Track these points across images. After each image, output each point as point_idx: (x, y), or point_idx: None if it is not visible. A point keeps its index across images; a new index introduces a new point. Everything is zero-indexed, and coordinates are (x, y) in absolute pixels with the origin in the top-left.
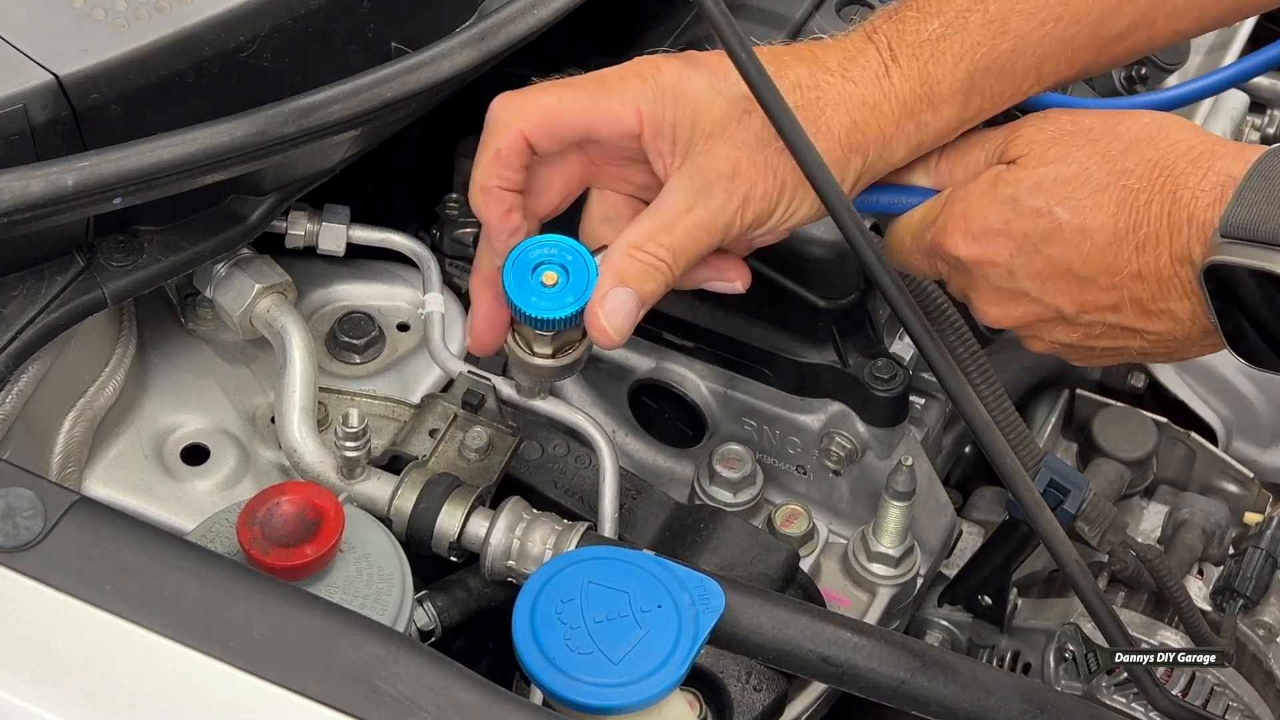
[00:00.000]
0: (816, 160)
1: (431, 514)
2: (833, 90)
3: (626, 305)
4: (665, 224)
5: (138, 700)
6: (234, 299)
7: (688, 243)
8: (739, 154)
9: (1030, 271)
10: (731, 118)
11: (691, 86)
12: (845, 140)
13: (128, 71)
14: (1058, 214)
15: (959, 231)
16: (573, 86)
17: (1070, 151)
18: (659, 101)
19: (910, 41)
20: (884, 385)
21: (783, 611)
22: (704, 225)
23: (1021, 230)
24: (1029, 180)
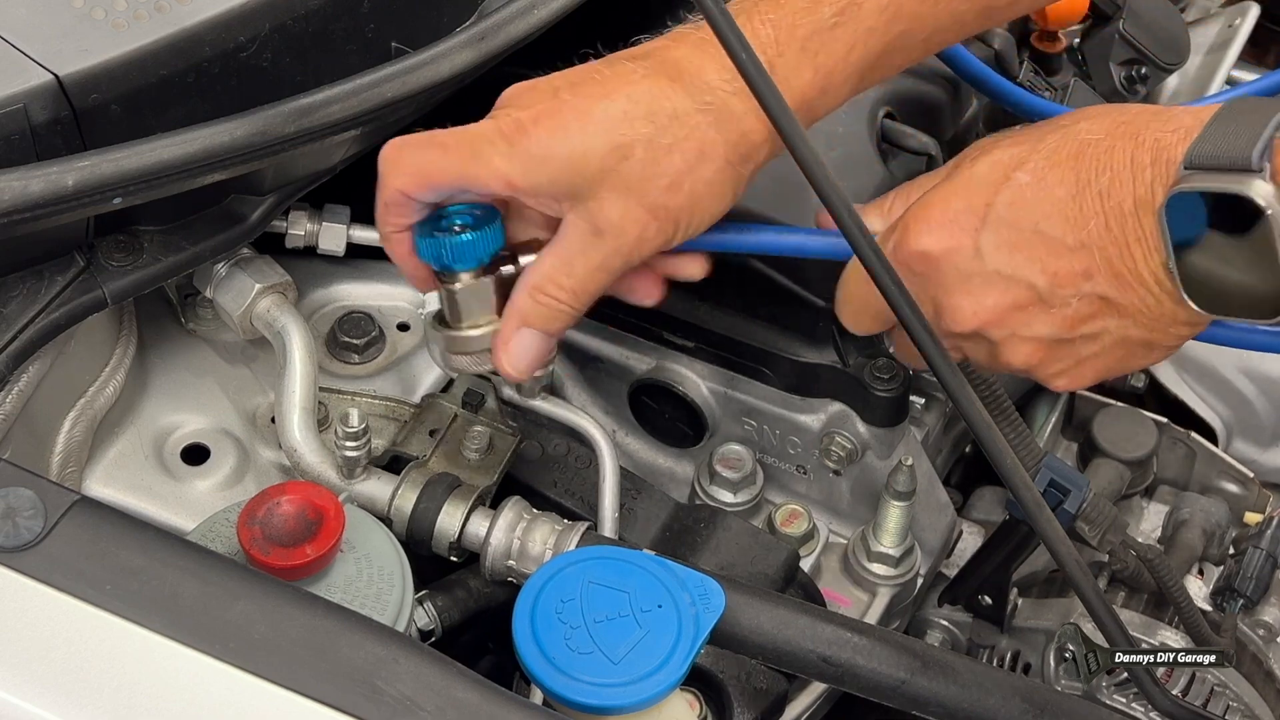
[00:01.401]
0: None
1: (432, 514)
2: (714, 111)
3: (532, 345)
4: (564, 265)
5: (138, 700)
6: (234, 299)
7: (588, 283)
8: (624, 200)
9: (997, 243)
10: (608, 167)
11: (563, 146)
12: (733, 155)
13: (128, 71)
14: (1017, 178)
15: (920, 223)
16: (444, 148)
17: (1021, 137)
18: (528, 169)
19: (800, 35)
20: (884, 385)
21: (783, 611)
22: (601, 267)
23: (983, 202)
24: (984, 161)
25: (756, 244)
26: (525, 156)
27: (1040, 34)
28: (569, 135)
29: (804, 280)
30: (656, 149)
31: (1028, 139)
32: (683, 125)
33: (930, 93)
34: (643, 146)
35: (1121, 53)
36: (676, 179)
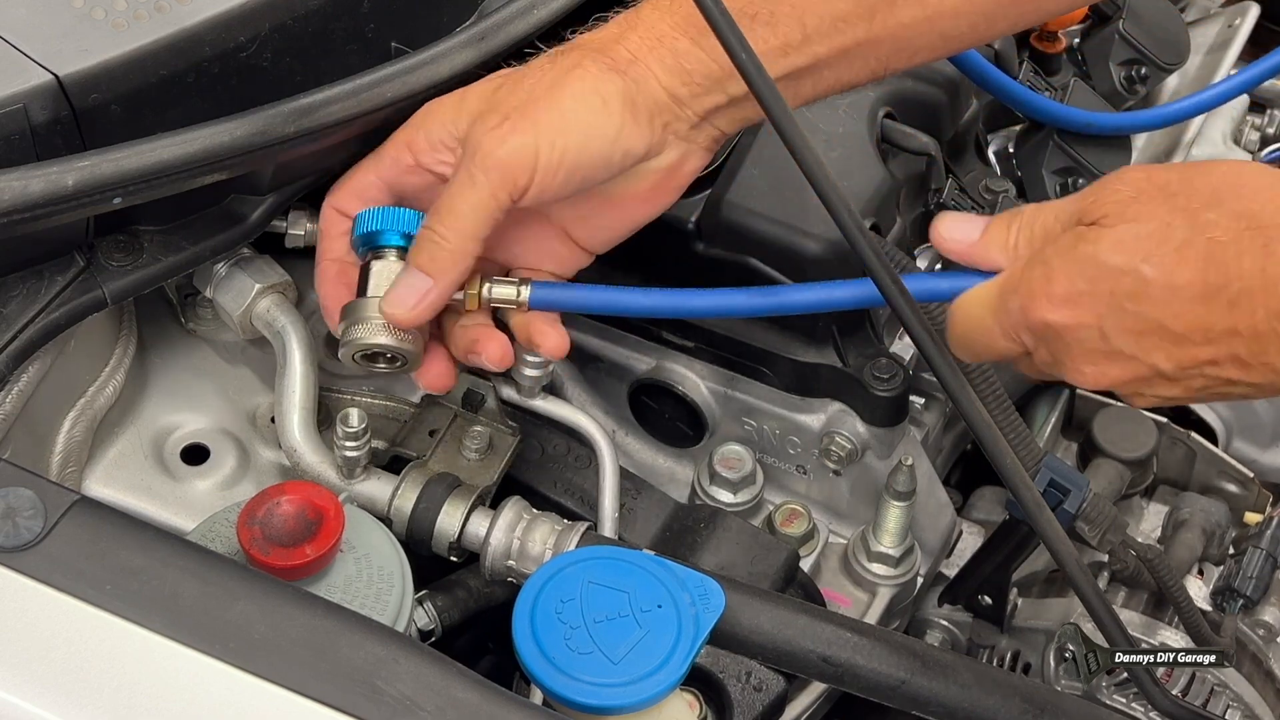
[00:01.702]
0: (816, 160)
1: (431, 514)
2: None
3: (416, 286)
4: (443, 201)
5: (138, 700)
6: (234, 299)
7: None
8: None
9: (1123, 329)
10: (478, 109)
11: (444, 103)
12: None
13: (128, 71)
14: (1143, 270)
15: (1044, 296)
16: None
17: (1150, 208)
18: (415, 125)
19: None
20: (884, 385)
21: (783, 611)
22: (464, 180)
23: (1107, 289)
24: (1109, 238)
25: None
26: (413, 122)
27: (1040, 34)
28: (452, 95)
29: (804, 280)
30: (521, 76)
31: (1157, 214)
32: (545, 57)
33: (930, 93)
34: (511, 80)
35: (1121, 53)
36: (532, 90)
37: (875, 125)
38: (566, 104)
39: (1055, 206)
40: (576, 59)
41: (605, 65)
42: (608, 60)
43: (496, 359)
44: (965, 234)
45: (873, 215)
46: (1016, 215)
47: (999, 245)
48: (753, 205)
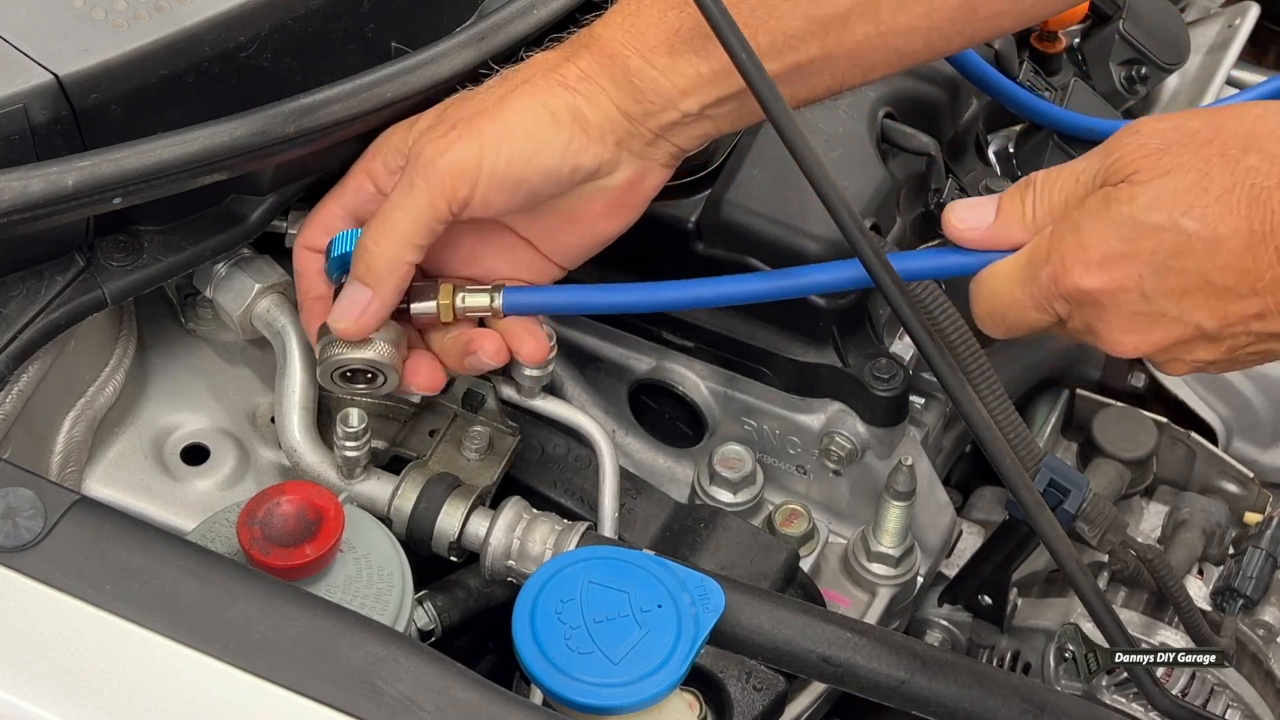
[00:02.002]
0: (816, 160)
1: (431, 514)
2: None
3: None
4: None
5: (138, 700)
6: (234, 299)
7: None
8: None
9: (1165, 290)
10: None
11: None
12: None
13: (128, 71)
14: (1184, 225)
15: (1078, 263)
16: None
17: (1183, 158)
18: (372, 154)
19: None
20: (884, 385)
21: (783, 611)
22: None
23: (1148, 249)
24: (1145, 195)
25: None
26: (373, 151)
27: (1040, 34)
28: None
29: None
30: (469, 95)
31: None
32: (496, 76)
33: (930, 93)
34: (459, 98)
35: (1121, 53)
36: (483, 103)
37: (875, 125)
38: (513, 117)
39: (1072, 169)
40: (526, 75)
41: (555, 81)
42: (557, 78)
43: (493, 353)
44: (980, 218)
45: (873, 215)
46: (1029, 186)
47: (1017, 220)
48: (753, 205)
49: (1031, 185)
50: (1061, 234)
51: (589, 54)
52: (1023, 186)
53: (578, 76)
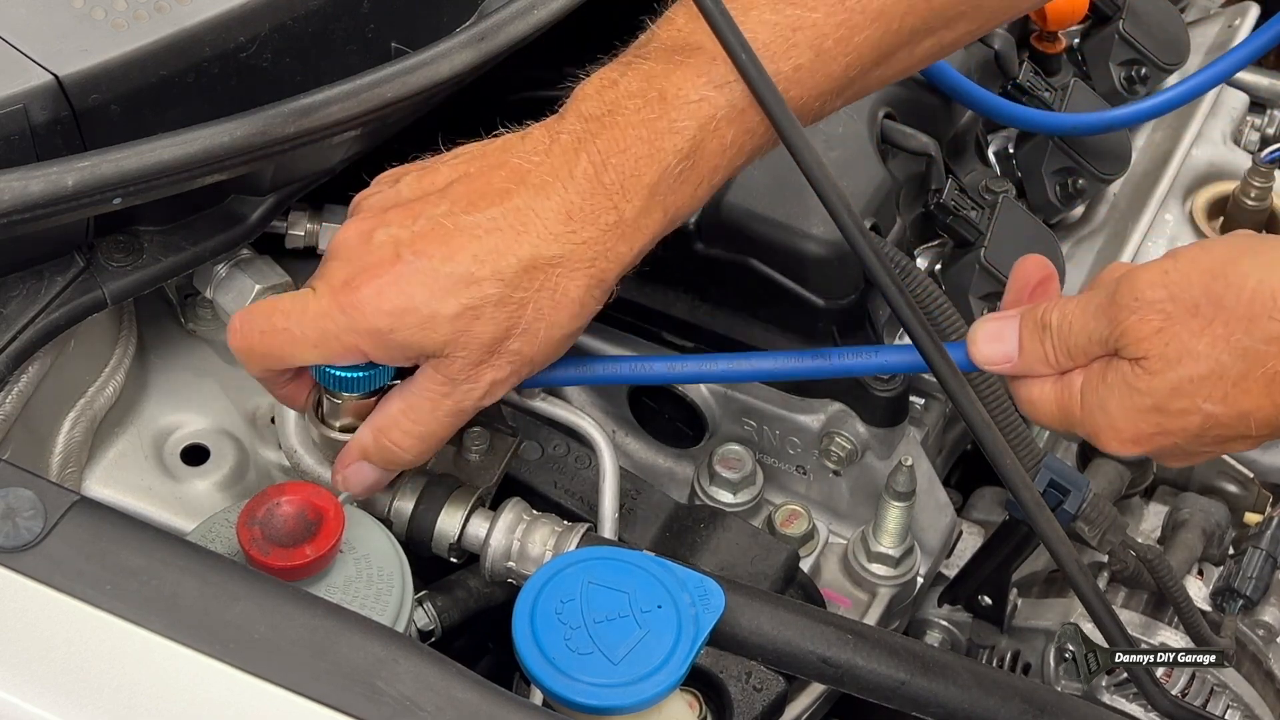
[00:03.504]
0: (816, 161)
1: (431, 515)
2: (566, 263)
3: (370, 475)
4: (411, 412)
5: (138, 700)
6: (234, 299)
7: (436, 429)
8: (477, 354)
9: (1205, 444)
10: (459, 329)
11: (408, 317)
12: (587, 296)
13: (128, 71)
14: (1208, 409)
15: (1114, 439)
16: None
17: (1190, 343)
18: (377, 341)
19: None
20: (884, 385)
21: (783, 612)
22: (451, 412)
23: (1178, 428)
24: (1165, 387)
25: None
26: (372, 332)
27: (1040, 34)
28: (414, 305)
29: (804, 280)
30: (508, 305)
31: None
32: (533, 278)
33: (930, 94)
34: (492, 307)
35: (1121, 53)
36: (530, 329)
37: (875, 126)
38: (560, 342)
39: (1082, 322)
40: (572, 291)
41: (600, 292)
42: (600, 282)
43: None
44: (1004, 353)
45: (873, 215)
46: (1044, 329)
47: (1039, 360)
48: (753, 205)
49: (1047, 329)
50: (1091, 410)
51: (629, 247)
52: (1039, 327)
53: (620, 270)
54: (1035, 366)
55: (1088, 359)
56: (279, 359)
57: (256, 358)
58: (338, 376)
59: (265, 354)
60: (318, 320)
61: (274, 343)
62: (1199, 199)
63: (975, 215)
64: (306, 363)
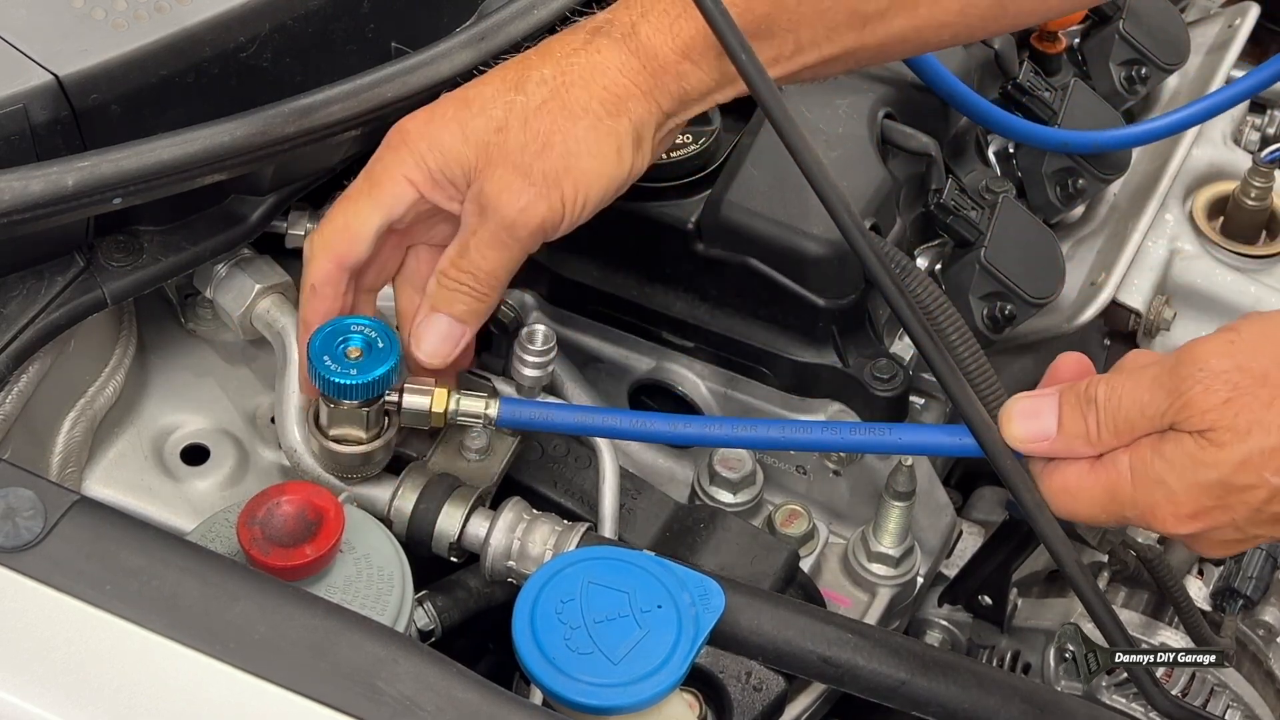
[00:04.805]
0: (816, 161)
1: (432, 515)
2: (577, 69)
3: (439, 328)
4: (460, 248)
5: (138, 700)
6: (234, 299)
7: (481, 261)
8: (501, 171)
9: (1260, 523)
10: (487, 142)
11: (445, 134)
12: (601, 110)
13: (128, 71)
14: (1274, 481)
15: (1171, 515)
16: (350, 197)
17: (1260, 414)
18: (419, 162)
19: (662, 4)
20: (884, 385)
21: (783, 611)
22: (491, 242)
23: (1240, 502)
24: (1231, 460)
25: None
26: (413, 154)
27: (1040, 34)
28: (447, 122)
29: (804, 280)
30: (526, 114)
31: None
32: (547, 85)
33: (930, 94)
34: (515, 116)
35: (1121, 53)
36: (547, 139)
37: (875, 125)
38: (586, 163)
39: (1134, 396)
40: (583, 99)
41: (618, 109)
42: (618, 103)
43: None
44: (1041, 431)
45: (873, 215)
46: (1090, 403)
47: (1080, 437)
48: (753, 205)
49: (1093, 404)
50: (1147, 485)
51: (642, 65)
52: (1083, 401)
53: (637, 97)
54: (1074, 444)
55: (1134, 436)
56: (344, 227)
57: (324, 239)
58: (336, 384)
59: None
60: (370, 170)
61: (336, 214)
62: (1199, 199)
63: (975, 215)
64: (366, 219)
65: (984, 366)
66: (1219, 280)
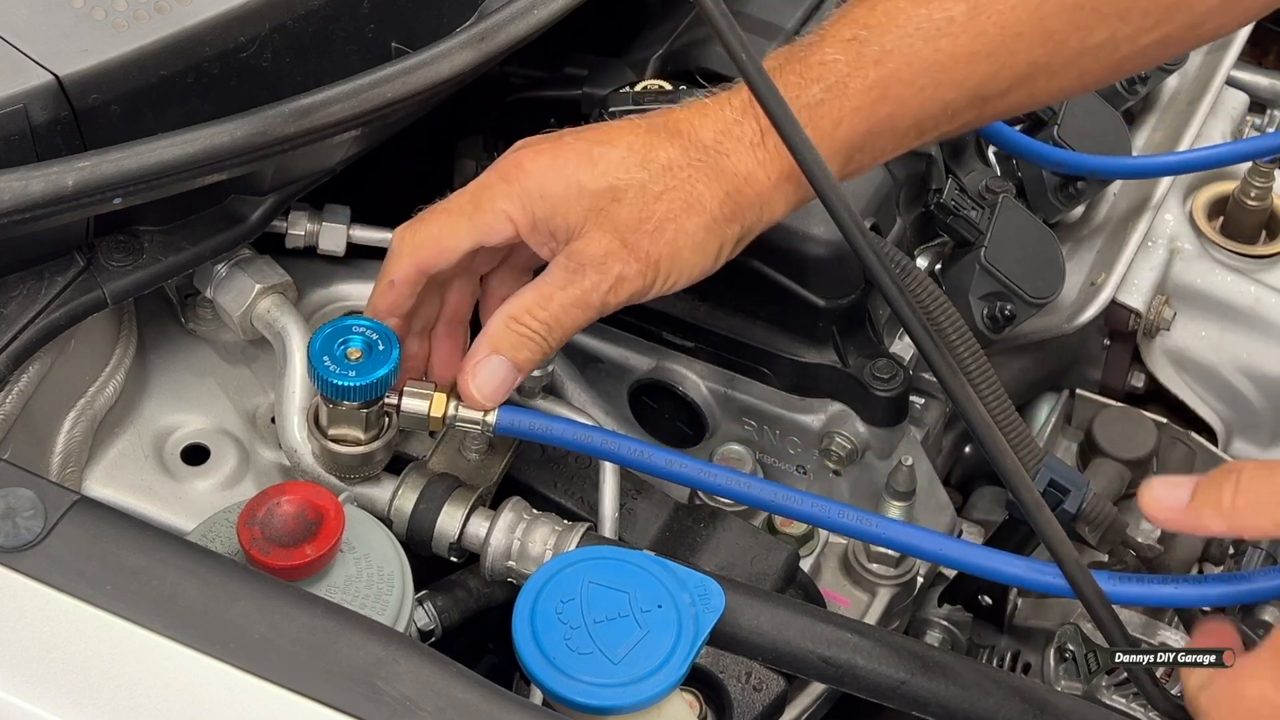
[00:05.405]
0: (816, 159)
1: (432, 514)
2: (705, 166)
3: (499, 372)
4: (542, 299)
5: (138, 700)
6: (234, 299)
7: (562, 317)
8: (609, 238)
9: None
10: (599, 207)
11: (558, 183)
12: (719, 212)
13: (128, 71)
14: None
15: None
16: (450, 212)
17: None
18: (527, 204)
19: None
20: (884, 385)
21: (783, 611)
22: (578, 302)
23: None
24: None
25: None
26: (524, 194)
27: None
28: (565, 173)
29: (804, 280)
30: (646, 194)
31: None
32: (674, 175)
33: None
34: (634, 191)
35: None
36: (661, 224)
37: None
38: (689, 256)
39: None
40: (705, 197)
41: (730, 215)
42: (733, 209)
43: None
44: (1176, 499)
45: (873, 215)
46: (1232, 474)
47: (1212, 506)
48: None
49: (1235, 475)
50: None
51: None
52: (1225, 473)
53: (753, 207)
54: (1204, 515)
55: (1273, 523)
56: (437, 238)
57: (416, 242)
58: (336, 385)
59: (426, 236)
60: (478, 190)
61: (435, 222)
62: (1199, 199)
63: (975, 215)
64: (458, 239)
65: (984, 366)
66: (1219, 280)
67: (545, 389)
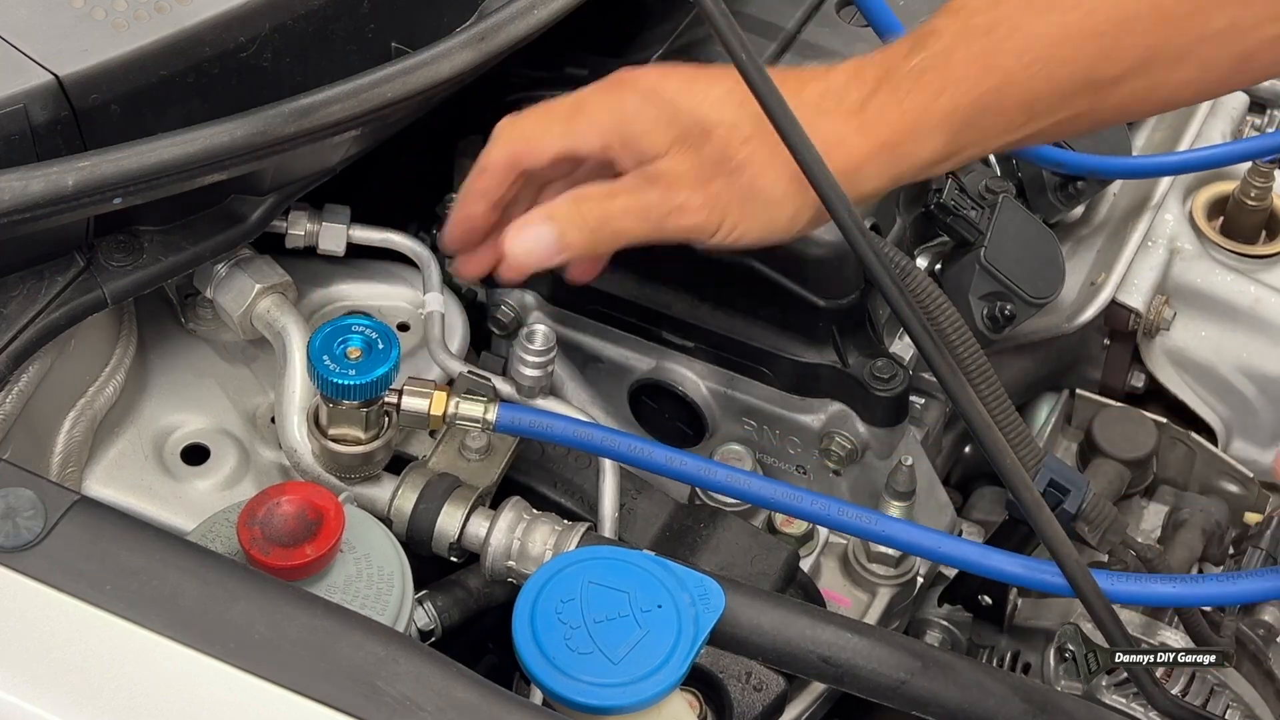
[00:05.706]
0: (816, 159)
1: (432, 514)
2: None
3: (544, 239)
4: (608, 192)
5: (138, 700)
6: (234, 299)
7: (621, 217)
8: (686, 167)
9: None
10: (688, 136)
11: (654, 105)
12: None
13: (128, 71)
14: None
15: None
16: (550, 112)
17: None
18: (622, 120)
19: (894, 75)
20: (884, 385)
21: (783, 611)
22: (638, 209)
23: None
24: None
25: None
26: (620, 109)
27: None
28: (664, 97)
29: (804, 280)
30: (735, 135)
31: None
32: (766, 123)
33: None
34: (724, 129)
35: None
36: (739, 167)
37: None
38: (759, 208)
39: None
40: None
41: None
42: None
43: None
44: None
45: (873, 215)
46: None
47: None
48: None
49: None
50: None
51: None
52: None
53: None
54: None
55: None
56: (530, 135)
57: (512, 134)
58: (336, 384)
59: (522, 130)
60: (580, 98)
61: (534, 119)
62: (1199, 199)
63: (975, 215)
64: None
65: (984, 366)
66: (1219, 280)
67: (545, 389)
